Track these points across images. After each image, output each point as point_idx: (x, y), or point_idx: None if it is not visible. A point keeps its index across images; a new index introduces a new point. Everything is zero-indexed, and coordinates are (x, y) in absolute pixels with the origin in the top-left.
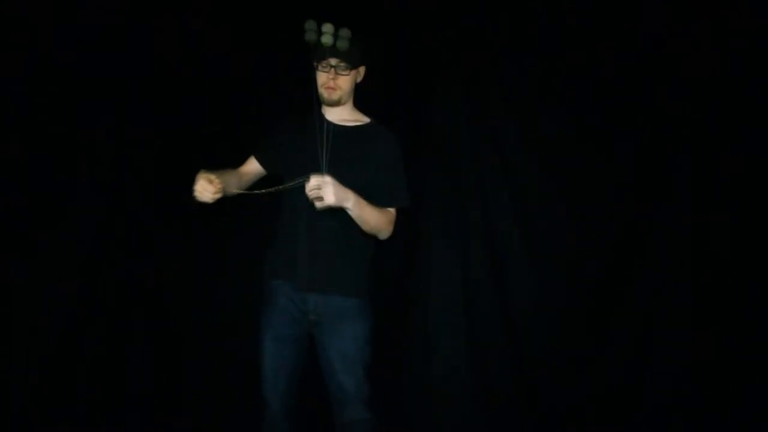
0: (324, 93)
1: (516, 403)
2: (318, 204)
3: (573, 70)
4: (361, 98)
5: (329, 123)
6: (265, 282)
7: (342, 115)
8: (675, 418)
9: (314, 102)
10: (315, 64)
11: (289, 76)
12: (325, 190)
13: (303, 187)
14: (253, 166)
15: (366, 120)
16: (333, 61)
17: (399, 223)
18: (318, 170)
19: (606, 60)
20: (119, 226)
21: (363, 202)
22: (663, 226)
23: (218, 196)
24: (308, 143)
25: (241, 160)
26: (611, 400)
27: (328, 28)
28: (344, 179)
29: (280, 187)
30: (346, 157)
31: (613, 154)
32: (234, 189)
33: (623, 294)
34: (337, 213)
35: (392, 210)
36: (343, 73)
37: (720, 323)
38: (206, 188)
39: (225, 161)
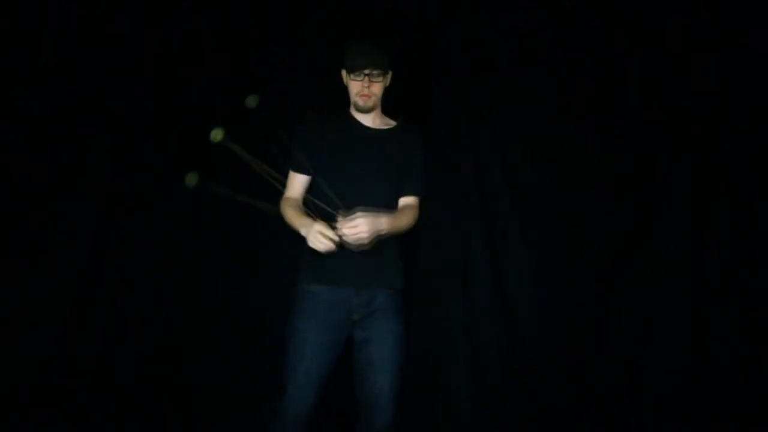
0: (359, 101)
1: (516, 403)
2: (357, 245)
3: (572, 71)
4: None
5: (363, 126)
6: (302, 287)
7: (374, 120)
8: (675, 418)
9: (342, 107)
10: (348, 73)
11: (289, 77)
12: (361, 229)
13: (342, 191)
14: (301, 183)
15: (393, 123)
16: (367, 70)
17: None
18: (353, 172)
19: (606, 60)
20: (119, 226)
21: (392, 218)
22: (663, 225)
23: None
24: (344, 146)
25: (243, 161)
26: (611, 400)
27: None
28: (378, 181)
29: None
30: (380, 159)
31: (613, 154)
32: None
33: (623, 294)
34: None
35: (413, 201)
36: (377, 80)
37: (720, 323)
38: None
39: (225, 160)
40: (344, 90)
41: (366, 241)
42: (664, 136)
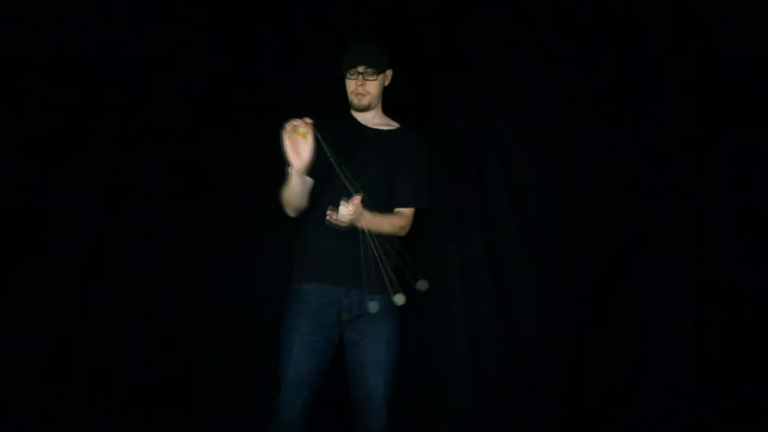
0: (353, 99)
1: (516, 403)
2: (337, 220)
3: (572, 70)
4: None
5: (362, 126)
6: (294, 286)
7: (373, 120)
8: (674, 418)
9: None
10: (343, 71)
11: (290, 77)
12: (351, 209)
13: (340, 189)
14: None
15: (395, 125)
16: (360, 68)
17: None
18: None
19: (605, 59)
20: (118, 226)
21: (374, 216)
22: (663, 225)
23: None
24: (341, 145)
25: (246, 159)
26: (611, 400)
27: None
28: (374, 180)
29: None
30: (377, 159)
31: (613, 153)
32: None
33: (623, 293)
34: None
35: (406, 211)
36: (371, 78)
37: (720, 323)
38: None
39: (226, 162)
40: (344, 90)
41: (345, 220)
42: (664, 135)
